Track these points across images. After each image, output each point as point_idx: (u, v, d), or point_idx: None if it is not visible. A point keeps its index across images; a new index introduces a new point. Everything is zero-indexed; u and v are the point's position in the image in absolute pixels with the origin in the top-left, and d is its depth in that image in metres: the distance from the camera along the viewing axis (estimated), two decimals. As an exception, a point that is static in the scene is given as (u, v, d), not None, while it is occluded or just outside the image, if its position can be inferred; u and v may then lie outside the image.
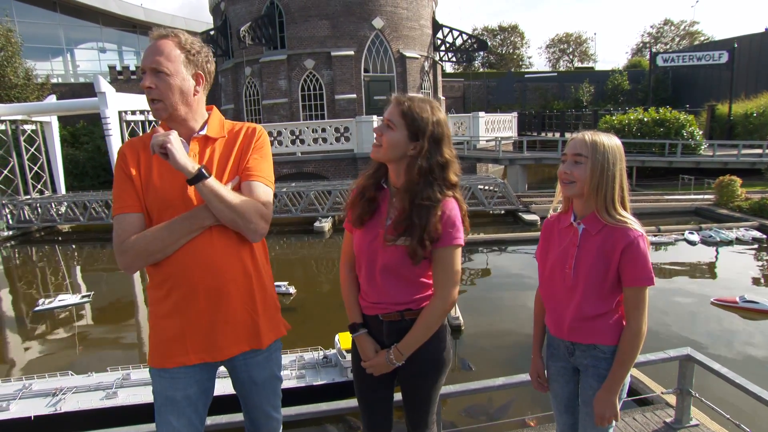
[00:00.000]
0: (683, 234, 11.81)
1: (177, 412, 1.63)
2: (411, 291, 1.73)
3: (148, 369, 1.66)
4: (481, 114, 23.02)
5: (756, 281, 9.30)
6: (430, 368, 1.80)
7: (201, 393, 1.68)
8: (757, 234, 11.54)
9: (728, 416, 2.90)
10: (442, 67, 30.53)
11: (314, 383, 5.67)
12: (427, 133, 1.62)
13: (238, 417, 1.98)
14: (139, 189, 1.58)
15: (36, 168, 18.77)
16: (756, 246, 11.25)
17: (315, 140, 19.63)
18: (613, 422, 1.81)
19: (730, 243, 11.26)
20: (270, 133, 19.58)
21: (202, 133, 1.64)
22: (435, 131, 1.63)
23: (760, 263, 10.68)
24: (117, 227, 1.54)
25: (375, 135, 1.68)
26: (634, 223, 1.69)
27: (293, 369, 5.90)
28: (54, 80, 29.22)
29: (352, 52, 22.79)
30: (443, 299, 1.69)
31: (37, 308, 9.31)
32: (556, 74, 43.44)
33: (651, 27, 59.47)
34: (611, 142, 1.72)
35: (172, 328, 1.59)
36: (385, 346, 1.78)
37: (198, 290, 1.57)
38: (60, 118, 19.58)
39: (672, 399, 3.25)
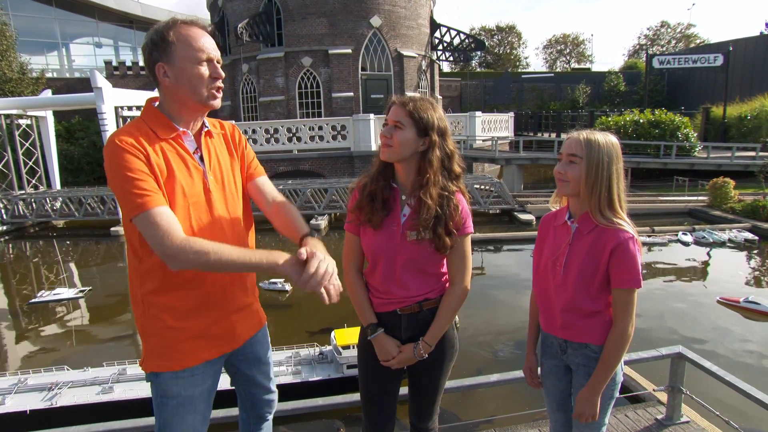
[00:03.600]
0: (677, 235, 11.94)
1: (193, 408, 1.60)
2: (429, 282, 1.79)
3: (148, 374, 1.58)
4: (478, 114, 23.05)
5: (749, 282, 9.41)
6: (444, 356, 1.87)
7: (213, 384, 1.69)
8: (750, 235, 11.66)
9: (717, 413, 2.96)
10: (439, 66, 30.56)
11: (310, 379, 5.71)
12: (435, 128, 1.70)
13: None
14: (161, 185, 1.40)
15: (31, 163, 18.67)
16: (748, 247, 11.38)
17: (312, 138, 19.61)
18: (606, 420, 1.82)
19: (722, 244, 11.38)
20: (267, 131, 19.58)
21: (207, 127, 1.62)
22: (440, 125, 1.72)
23: (752, 264, 10.80)
24: (162, 221, 1.31)
25: (382, 138, 1.73)
26: (626, 225, 1.67)
27: (289, 365, 5.93)
28: (49, 75, 29.04)
29: (349, 51, 22.77)
30: (462, 285, 1.78)
31: (32, 301, 9.32)
32: (552, 75, 43.57)
33: (647, 29, 59.71)
34: (607, 141, 1.68)
35: (198, 325, 1.54)
36: (401, 341, 1.81)
37: (225, 282, 1.59)
38: (55, 113, 19.47)
39: (663, 396, 3.30)
